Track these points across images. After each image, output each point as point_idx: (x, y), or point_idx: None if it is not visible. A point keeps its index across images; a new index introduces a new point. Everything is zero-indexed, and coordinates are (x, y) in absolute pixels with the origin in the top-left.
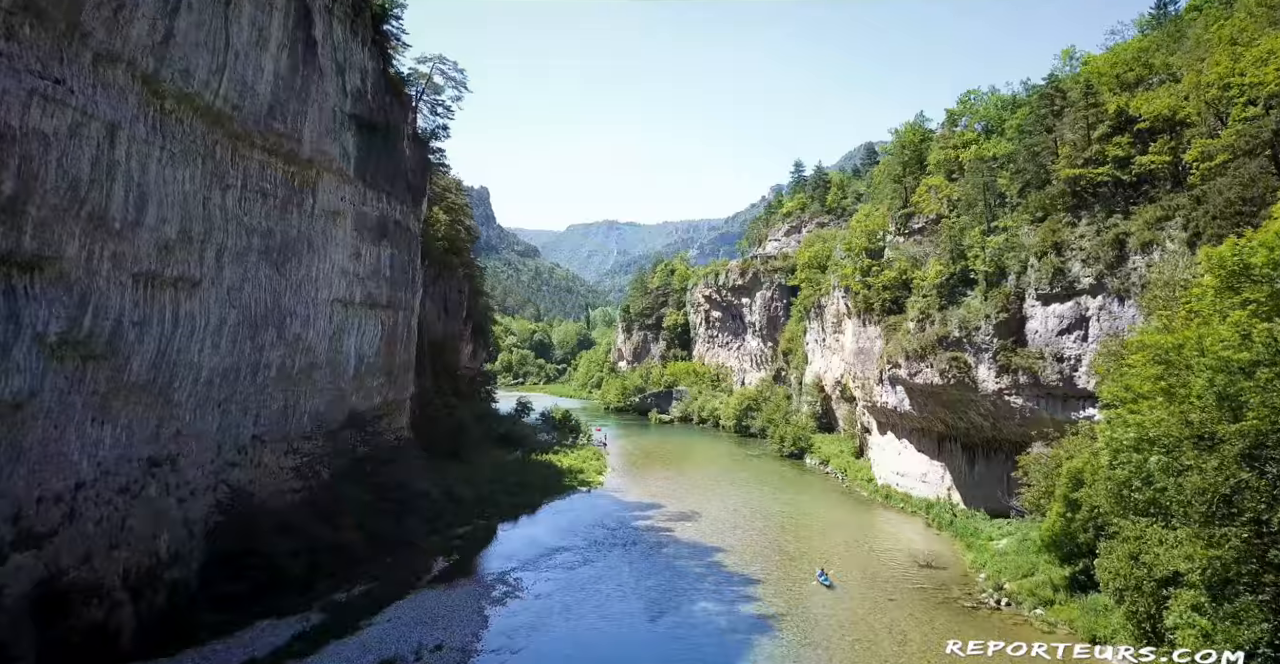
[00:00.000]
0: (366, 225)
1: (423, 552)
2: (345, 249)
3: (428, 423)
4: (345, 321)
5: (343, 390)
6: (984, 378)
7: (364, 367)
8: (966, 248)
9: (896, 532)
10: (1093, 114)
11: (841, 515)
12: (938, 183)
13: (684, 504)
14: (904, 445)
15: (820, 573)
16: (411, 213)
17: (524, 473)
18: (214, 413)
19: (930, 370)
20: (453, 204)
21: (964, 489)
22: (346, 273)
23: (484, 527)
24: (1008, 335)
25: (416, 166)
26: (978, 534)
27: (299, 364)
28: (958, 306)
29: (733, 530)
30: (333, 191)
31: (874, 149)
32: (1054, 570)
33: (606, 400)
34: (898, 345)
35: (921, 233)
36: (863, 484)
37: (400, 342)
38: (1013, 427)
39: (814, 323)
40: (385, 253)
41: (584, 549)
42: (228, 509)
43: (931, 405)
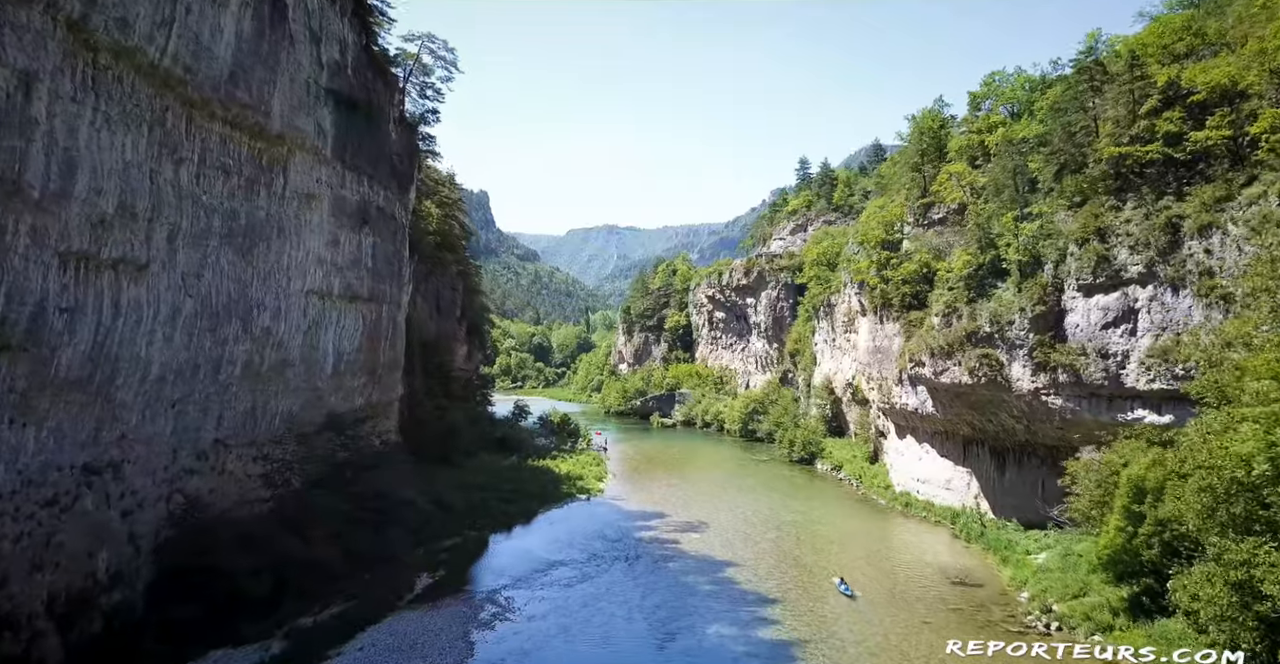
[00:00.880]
0: (345, 211)
1: (405, 567)
2: (321, 236)
3: (417, 426)
4: (322, 315)
5: (319, 390)
6: (1018, 376)
7: (343, 365)
8: (996, 236)
9: (921, 543)
10: (1139, 87)
11: (859, 525)
12: (960, 170)
13: (689, 513)
14: (925, 450)
15: (839, 581)
16: (397, 200)
17: (519, 479)
18: (167, 414)
19: (958, 369)
20: (446, 199)
21: (993, 497)
22: (323, 262)
23: (474, 538)
24: (1045, 330)
25: (404, 151)
26: (1013, 547)
27: (268, 361)
28: (988, 299)
29: (743, 542)
30: (307, 172)
31: (881, 146)
32: (1110, 591)
33: (607, 404)
34: (920, 342)
35: (943, 223)
36: (880, 491)
37: (384, 338)
38: (1050, 429)
39: (823, 322)
40: (367, 241)
41: (582, 563)
42: (181, 521)
43: (957, 407)
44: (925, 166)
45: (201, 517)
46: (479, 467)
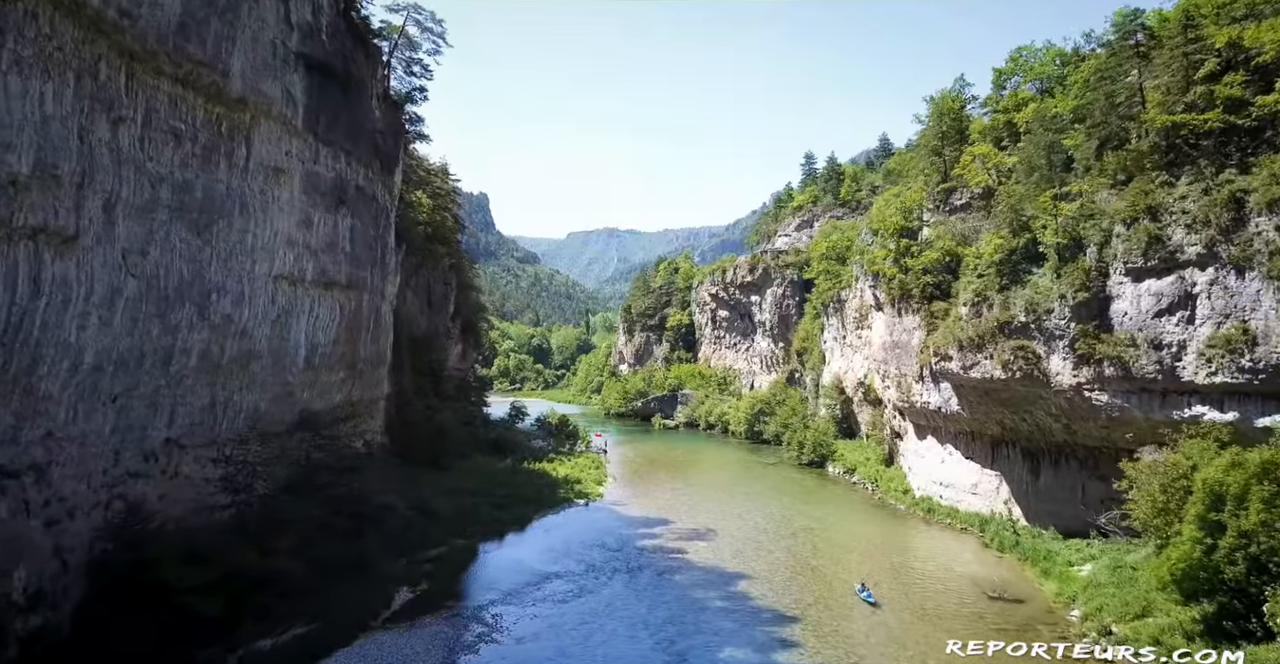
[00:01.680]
0: (319, 188)
1: (382, 580)
2: (292, 215)
3: (406, 428)
4: (293, 302)
5: (290, 385)
6: (1057, 370)
7: (318, 358)
8: (1030, 218)
9: (948, 552)
10: (1195, 50)
11: (878, 532)
12: (985, 151)
13: (695, 520)
14: (948, 452)
15: (860, 587)
16: (380, 180)
17: (514, 483)
18: (106, 409)
19: (989, 363)
20: (439, 189)
21: (1026, 503)
22: (294, 244)
23: (462, 547)
24: (1088, 319)
25: (388, 130)
26: (1052, 558)
27: (230, 351)
28: (1022, 286)
29: (755, 552)
30: (274, 143)
31: (887, 141)
32: (1180, 611)
33: (607, 405)
34: (947, 335)
35: (966, 209)
36: (898, 496)
37: (365, 330)
38: (1093, 429)
39: (832, 319)
40: (344, 222)
41: (580, 576)
42: (122, 532)
43: (986, 405)
44: (945, 150)
45: (147, 526)
46: (471, 470)
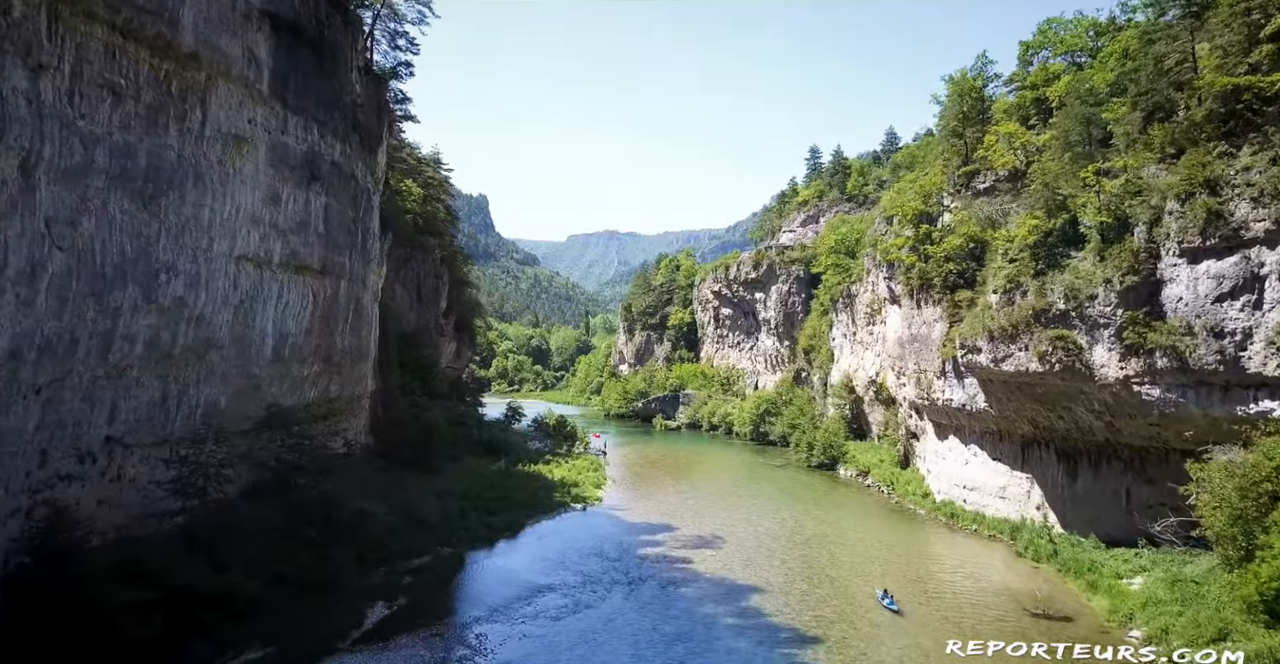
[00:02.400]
0: (289, 161)
1: (354, 596)
2: (256, 189)
3: (393, 428)
4: (259, 287)
5: (256, 378)
6: (1102, 362)
7: (288, 349)
8: (1068, 197)
9: (978, 562)
10: (1258, 7)
11: (899, 539)
12: (1012, 130)
13: (701, 526)
14: (973, 452)
15: (882, 594)
16: (360, 159)
17: (507, 486)
18: (28, 402)
19: (1023, 354)
20: (430, 179)
21: (1061, 508)
22: (259, 221)
23: (448, 557)
24: (1137, 305)
25: (370, 106)
26: (1097, 569)
27: (184, 339)
28: (1060, 271)
29: (768, 561)
30: (234, 109)
31: (894, 135)
32: (1265, 636)
33: (607, 406)
34: (976, 324)
35: (991, 193)
36: (916, 500)
37: (342, 320)
38: (1140, 426)
39: (841, 315)
40: (318, 201)
41: (576, 589)
42: (45, 544)
43: (1018, 401)
44: (967, 131)
45: (76, 536)
46: (461, 472)
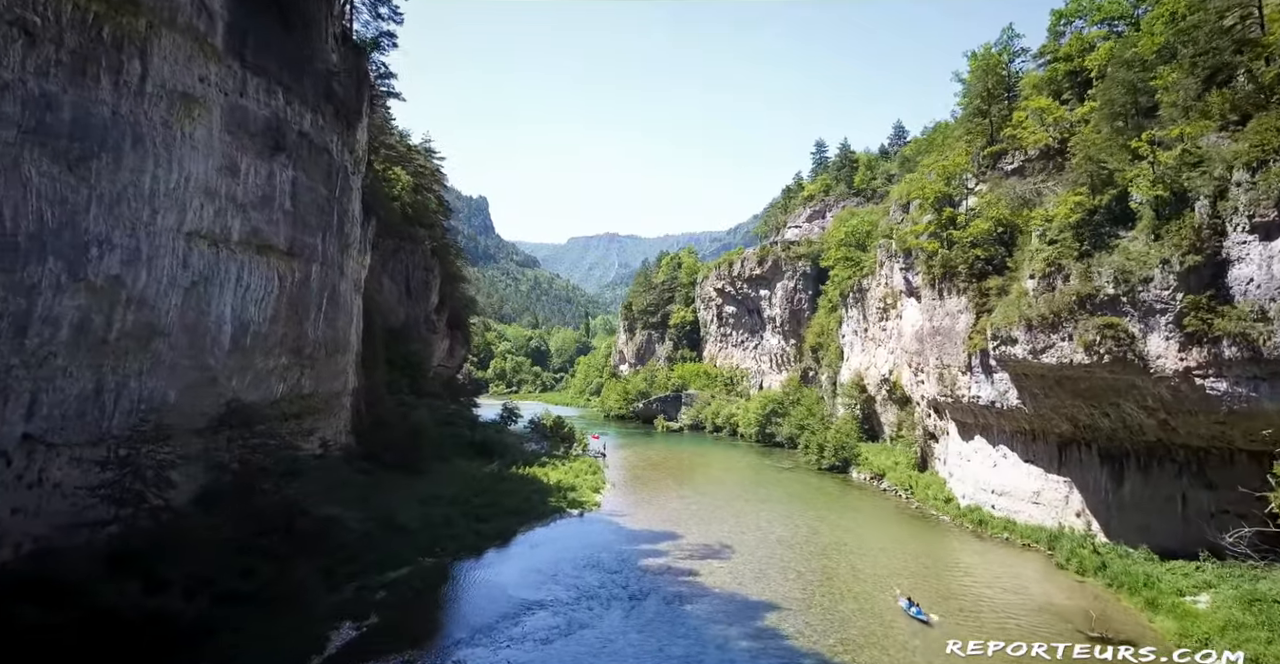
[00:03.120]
0: (248, 128)
1: (317, 615)
2: (210, 157)
3: (379, 428)
4: (214, 267)
5: (212, 370)
6: (1158, 353)
7: (249, 338)
8: (1114, 171)
9: (1015, 575)
10: None
11: (924, 548)
12: (1044, 105)
13: (707, 533)
14: (1001, 454)
15: (907, 602)
16: (335, 133)
17: (498, 490)
18: None
19: (1067, 345)
20: (421, 168)
21: (1105, 515)
22: (214, 194)
23: (429, 569)
24: (1199, 288)
25: (348, 77)
26: (1153, 584)
27: (122, 324)
28: (1108, 252)
29: (782, 573)
30: (182, 64)
31: (902, 128)
32: None
33: (607, 406)
34: (1010, 313)
35: (1020, 174)
36: (938, 505)
37: (315, 308)
38: (1202, 424)
39: (852, 311)
40: (283, 174)
41: (570, 605)
42: None
43: (1057, 396)
44: (992, 109)
45: None
46: (450, 475)
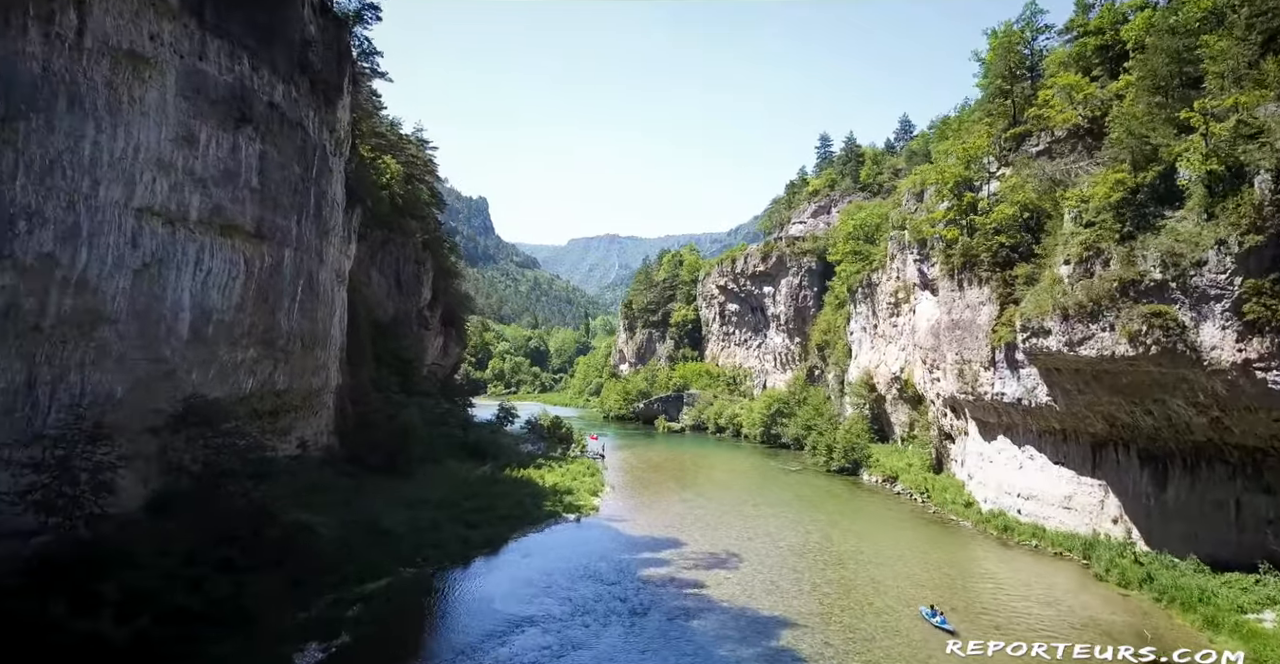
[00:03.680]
0: (208, 94)
1: (279, 635)
2: (164, 125)
3: (365, 428)
4: (170, 248)
5: (168, 363)
6: (1212, 343)
7: (212, 327)
8: (1159, 146)
9: (1049, 586)
10: None
11: (948, 557)
12: (1073, 82)
13: (713, 540)
14: (1028, 455)
15: (931, 612)
16: (311, 108)
17: (490, 493)
18: None
19: (1108, 335)
20: (413, 158)
21: (1147, 522)
22: (169, 166)
23: (410, 580)
24: (1260, 271)
25: (328, 50)
26: (1210, 600)
27: (58, 308)
28: (1154, 233)
29: (795, 586)
30: (129, 18)
31: (909, 122)
32: None
33: (606, 407)
34: (1042, 302)
35: (1048, 156)
36: (958, 510)
37: (288, 297)
38: (1262, 422)
39: (861, 307)
40: (250, 148)
41: (564, 622)
42: None
43: (1093, 392)
44: (1015, 88)
45: None
46: (440, 478)
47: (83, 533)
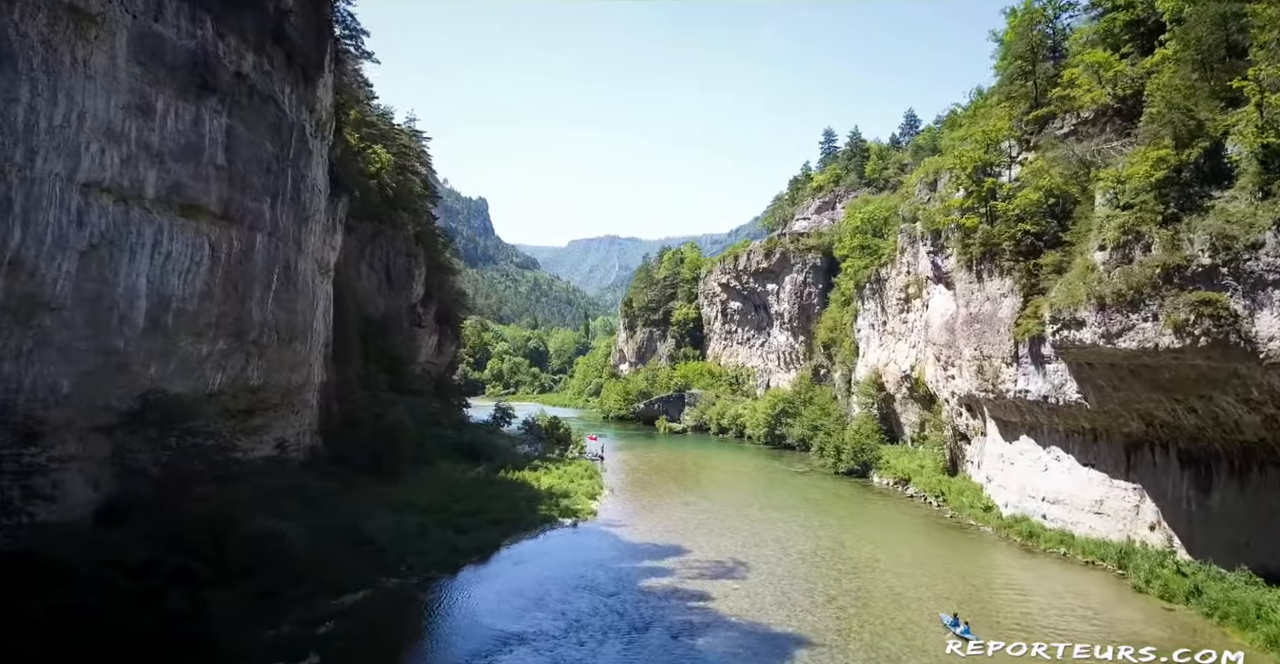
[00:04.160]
0: (165, 60)
1: (241, 655)
2: (114, 92)
3: (351, 428)
4: (122, 228)
5: (122, 355)
6: (1270, 333)
7: (172, 316)
8: (1204, 121)
9: (1084, 599)
10: None
11: (971, 566)
12: (1101, 58)
13: (718, 547)
14: (1054, 456)
15: (952, 620)
16: (286, 83)
17: (483, 497)
18: None
19: (1151, 326)
20: (405, 148)
21: (1188, 529)
22: (120, 138)
23: (391, 591)
24: None
25: (307, 23)
26: (1267, 615)
27: None
28: (1201, 215)
29: (809, 598)
30: None
31: (914, 117)
32: None
33: (606, 407)
34: (1075, 291)
35: (1076, 136)
36: (977, 514)
37: (263, 286)
38: None
39: (869, 303)
40: (215, 121)
41: (557, 639)
42: None
43: (1130, 389)
44: (1038, 68)
45: None
46: (429, 480)
47: (8, 543)
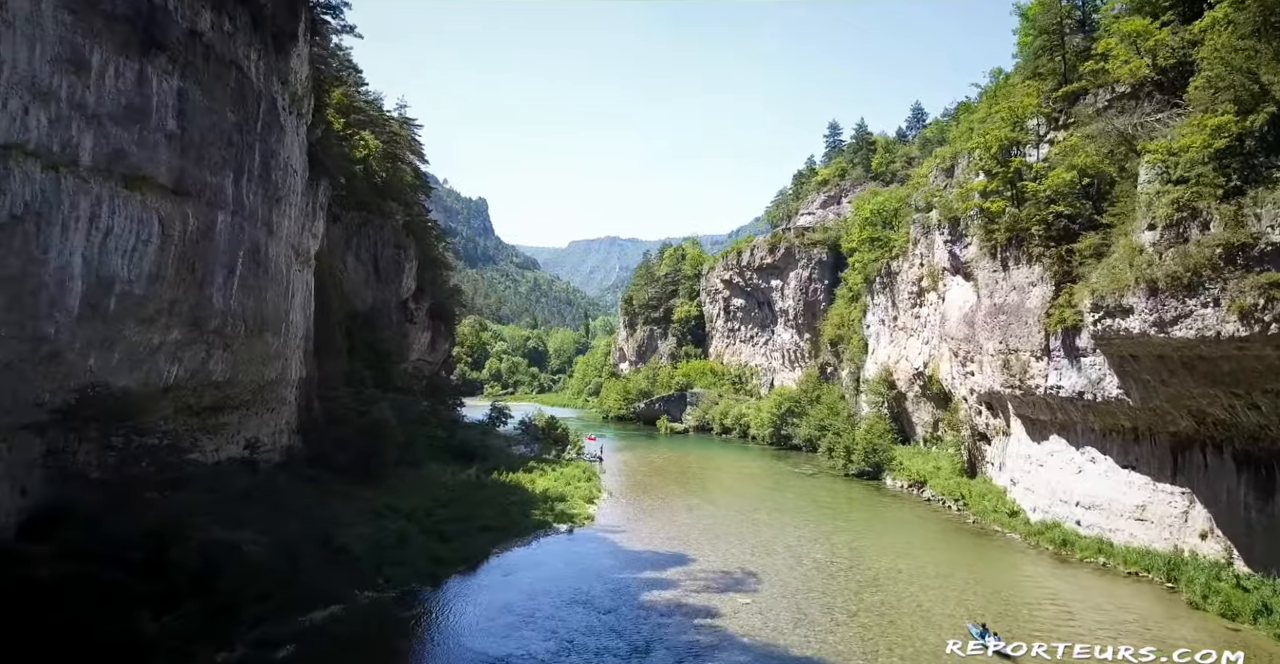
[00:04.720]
0: (103, 9)
1: None
2: (39, 42)
3: (334, 427)
4: (51, 198)
5: (51, 342)
6: None
7: (114, 300)
8: (1270, 85)
9: (1125, 611)
10: None
11: (1001, 578)
12: (1140, 27)
13: (725, 556)
14: (1088, 457)
15: (982, 631)
16: (253, 48)
17: (473, 500)
18: None
19: (1211, 312)
20: (395, 135)
21: (1246, 537)
22: (46, 95)
23: (367, 608)
24: None
25: None
26: None
27: None
28: (1270, 187)
29: (827, 614)
30: None
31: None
32: None
33: (606, 407)
34: (1119, 276)
35: (1111, 110)
36: (1001, 519)
37: (221, 268)
38: None
39: (879, 298)
40: (166, 83)
41: (547, 663)
42: None
43: (1180, 383)
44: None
45: None
46: (418, 483)
47: None
